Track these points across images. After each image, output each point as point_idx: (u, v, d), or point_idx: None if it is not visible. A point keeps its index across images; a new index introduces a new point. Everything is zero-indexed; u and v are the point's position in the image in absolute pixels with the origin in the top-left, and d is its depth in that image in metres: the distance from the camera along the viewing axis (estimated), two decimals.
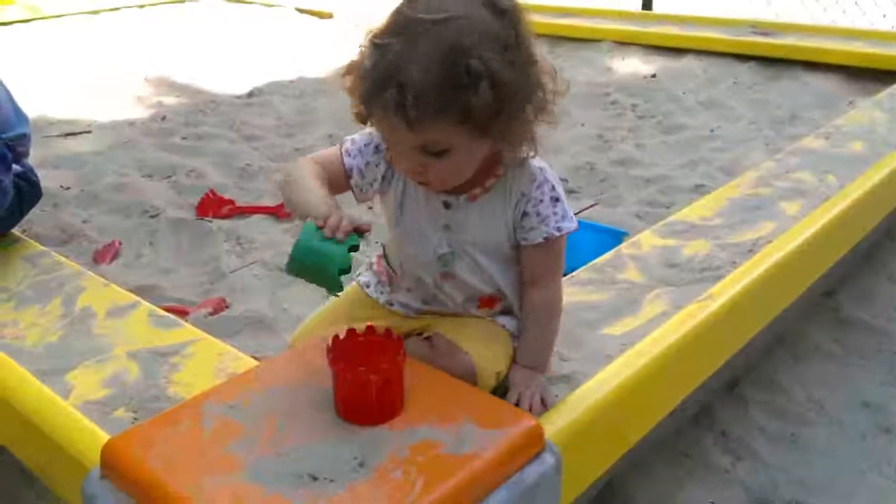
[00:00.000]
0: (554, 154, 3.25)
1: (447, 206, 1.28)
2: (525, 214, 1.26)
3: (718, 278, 1.70)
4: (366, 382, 1.07)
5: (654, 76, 4.25)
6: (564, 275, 1.74)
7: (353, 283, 1.48)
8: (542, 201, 1.25)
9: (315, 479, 1.00)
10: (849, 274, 2.26)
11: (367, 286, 1.45)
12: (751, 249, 1.83)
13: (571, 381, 1.37)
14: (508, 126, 1.14)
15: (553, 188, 1.26)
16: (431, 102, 1.07)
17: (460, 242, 1.29)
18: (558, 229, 1.26)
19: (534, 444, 1.09)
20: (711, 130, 3.42)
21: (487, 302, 1.36)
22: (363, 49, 1.13)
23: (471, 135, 1.12)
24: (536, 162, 1.26)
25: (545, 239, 1.26)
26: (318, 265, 1.07)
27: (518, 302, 1.36)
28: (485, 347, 1.31)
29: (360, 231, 1.11)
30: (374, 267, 1.46)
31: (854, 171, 2.29)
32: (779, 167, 2.36)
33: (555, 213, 1.25)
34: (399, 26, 1.10)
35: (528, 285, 1.33)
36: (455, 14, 1.09)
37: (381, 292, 1.44)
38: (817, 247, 1.91)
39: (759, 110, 3.66)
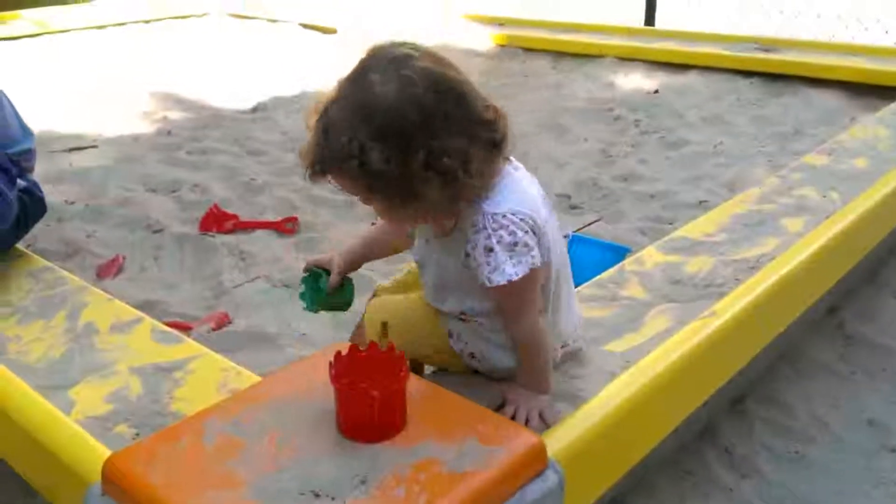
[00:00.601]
0: (557, 169, 3.26)
1: (427, 241, 1.40)
2: (467, 255, 1.27)
3: (722, 295, 1.69)
4: (368, 399, 1.06)
5: (656, 92, 4.27)
6: None
7: None
8: (476, 247, 1.24)
9: (317, 496, 1.00)
10: (853, 290, 2.25)
11: None
12: (754, 266, 1.83)
13: (574, 399, 1.36)
14: (402, 203, 1.20)
15: (489, 237, 1.22)
16: (316, 159, 1.20)
17: (430, 260, 1.39)
18: (489, 280, 1.23)
19: (537, 462, 1.08)
20: (714, 146, 3.43)
21: None
22: None
23: (368, 194, 1.21)
24: (490, 206, 1.24)
25: (481, 284, 1.26)
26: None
27: (482, 319, 1.38)
28: (384, 302, 1.47)
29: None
30: None
31: (857, 188, 2.29)
32: (782, 183, 2.36)
33: (487, 263, 1.23)
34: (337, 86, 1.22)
35: (503, 320, 1.35)
36: (364, 89, 1.17)
37: None
38: (821, 263, 1.91)
39: (762, 126, 3.67)
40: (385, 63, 1.18)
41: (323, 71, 5.01)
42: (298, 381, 1.22)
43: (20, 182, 2.10)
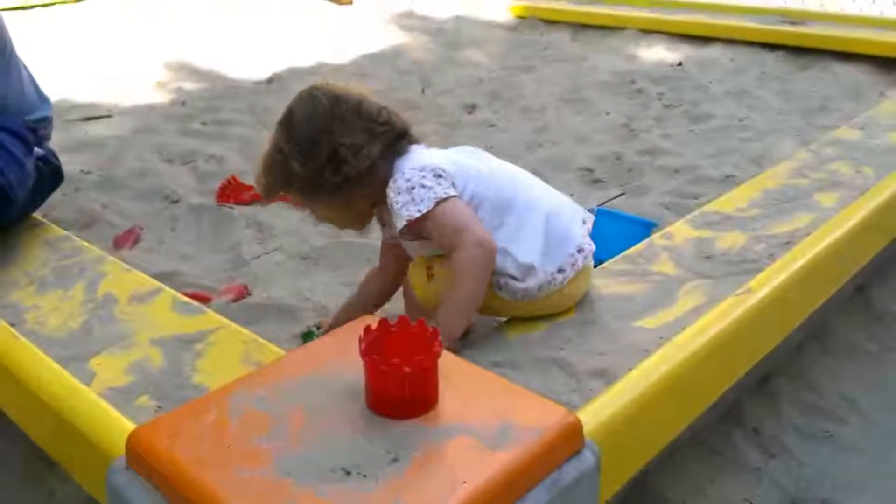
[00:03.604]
0: (579, 143, 3.20)
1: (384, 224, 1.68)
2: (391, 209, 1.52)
3: (755, 271, 1.65)
4: (399, 375, 1.03)
5: (680, 65, 4.19)
6: (594, 264, 1.70)
7: None
8: (394, 194, 1.49)
9: (348, 473, 0.96)
10: (882, 268, 2.20)
11: None
12: (788, 241, 1.78)
13: (607, 376, 1.33)
14: (330, 196, 1.55)
15: (390, 196, 1.50)
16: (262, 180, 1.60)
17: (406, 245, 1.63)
18: (396, 226, 1.49)
19: (573, 442, 1.05)
20: (740, 120, 3.36)
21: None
22: None
23: (306, 198, 1.58)
24: (401, 162, 1.53)
25: (406, 224, 1.46)
26: None
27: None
28: (422, 259, 1.57)
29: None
30: None
31: (892, 163, 2.22)
32: (814, 158, 2.30)
33: (399, 203, 1.47)
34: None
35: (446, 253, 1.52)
36: (286, 117, 1.57)
37: None
38: (858, 239, 1.86)
39: (789, 100, 3.59)
40: (301, 94, 1.58)
41: (338, 42, 4.95)
42: (327, 356, 1.18)
43: (37, 150, 2.07)
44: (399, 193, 1.48)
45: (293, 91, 4.27)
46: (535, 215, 1.53)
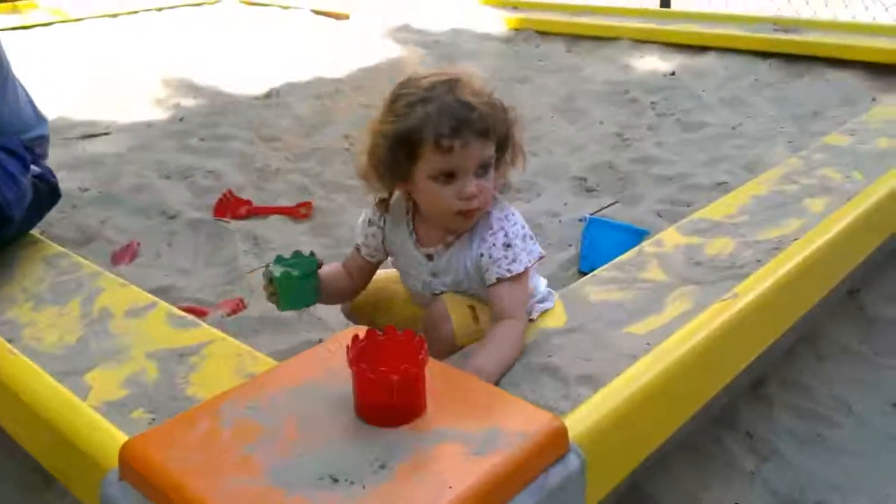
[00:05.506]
0: (573, 152, 3.23)
1: (430, 258, 1.51)
2: (481, 256, 1.45)
3: (744, 276, 1.66)
4: (387, 383, 1.05)
5: (673, 74, 4.21)
6: (586, 273, 1.73)
7: None
8: (494, 245, 1.44)
9: (336, 481, 0.98)
10: (874, 272, 2.21)
11: None
12: (776, 247, 1.80)
13: (595, 382, 1.34)
14: (503, 163, 1.46)
15: (506, 234, 1.44)
16: (494, 123, 1.39)
17: (446, 283, 1.52)
18: (508, 271, 1.42)
19: (558, 446, 1.06)
20: (733, 128, 3.38)
21: None
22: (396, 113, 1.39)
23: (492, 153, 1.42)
24: (498, 212, 1.47)
25: (497, 279, 1.42)
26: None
27: None
28: (455, 296, 1.50)
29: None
30: None
31: (881, 168, 2.24)
32: (804, 164, 2.32)
33: (505, 257, 1.43)
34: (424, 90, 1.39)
35: (494, 319, 1.45)
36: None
37: None
38: (845, 244, 1.87)
39: (781, 107, 3.61)
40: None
41: (335, 57, 4.99)
42: (316, 366, 1.20)
43: (34, 168, 2.09)
44: (516, 237, 1.45)
45: (291, 106, 4.35)
46: None
